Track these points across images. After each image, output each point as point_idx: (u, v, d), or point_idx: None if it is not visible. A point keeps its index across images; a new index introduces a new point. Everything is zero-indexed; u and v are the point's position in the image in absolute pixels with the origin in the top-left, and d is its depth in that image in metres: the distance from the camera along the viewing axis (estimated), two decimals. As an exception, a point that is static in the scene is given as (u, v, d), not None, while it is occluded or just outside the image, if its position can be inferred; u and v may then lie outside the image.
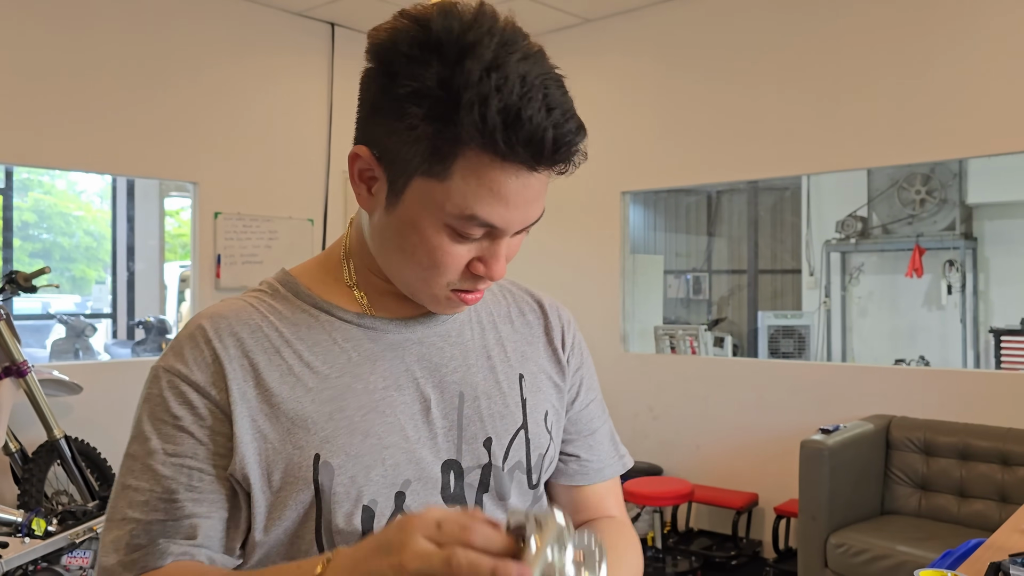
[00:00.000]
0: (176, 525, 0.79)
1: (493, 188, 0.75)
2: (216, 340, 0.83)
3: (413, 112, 0.74)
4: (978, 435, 3.67)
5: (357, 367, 0.85)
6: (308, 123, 5.32)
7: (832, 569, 3.44)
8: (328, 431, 0.81)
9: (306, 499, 0.80)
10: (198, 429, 0.81)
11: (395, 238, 0.81)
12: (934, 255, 6.70)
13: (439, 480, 0.85)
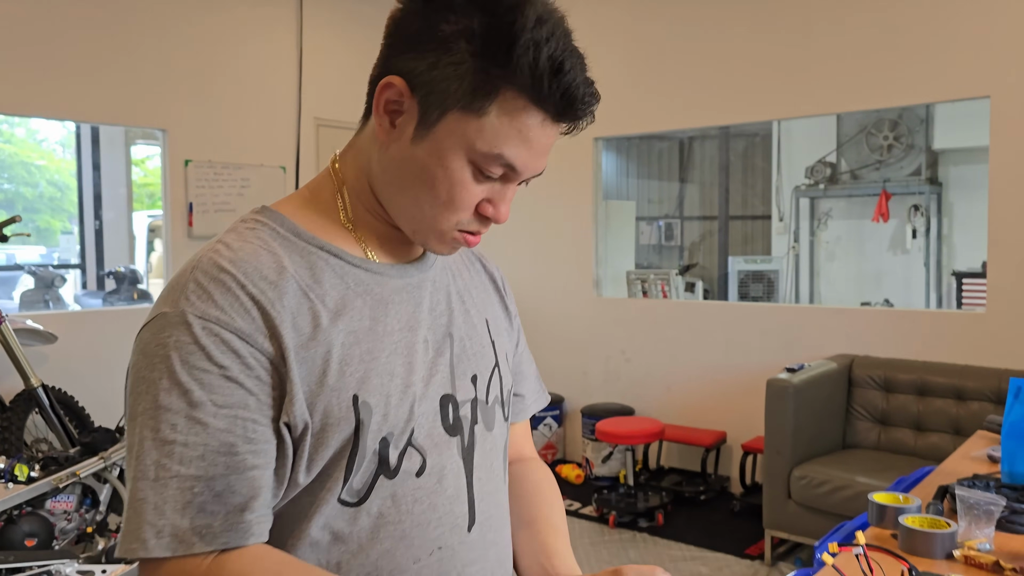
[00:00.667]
0: (239, 479, 0.76)
1: (522, 130, 0.80)
2: (251, 285, 0.79)
3: (462, 47, 0.78)
4: (935, 372, 3.82)
5: (374, 311, 0.86)
6: (278, 69, 5.26)
7: (795, 500, 3.59)
8: (362, 373, 0.83)
9: (346, 436, 0.81)
10: (247, 379, 0.78)
11: (416, 171, 0.83)
12: (900, 200, 6.81)
13: (439, 414, 0.89)
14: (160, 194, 5.00)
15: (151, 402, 0.76)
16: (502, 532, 0.97)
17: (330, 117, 5.55)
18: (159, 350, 0.78)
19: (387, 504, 0.84)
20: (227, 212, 4.99)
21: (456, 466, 0.89)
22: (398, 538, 0.84)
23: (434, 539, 0.87)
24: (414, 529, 0.85)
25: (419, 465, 0.86)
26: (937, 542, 1.52)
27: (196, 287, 0.79)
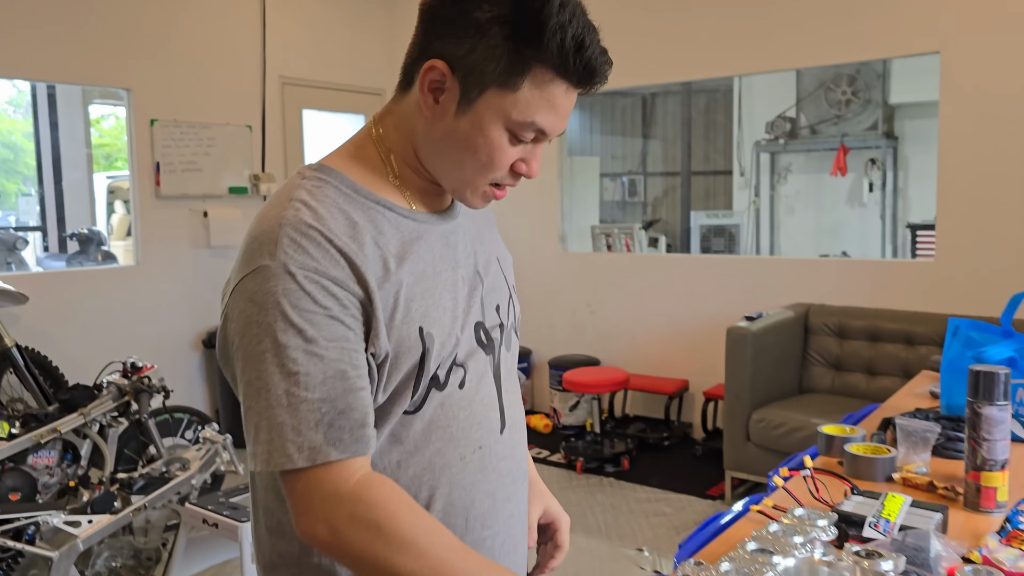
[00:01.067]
0: (355, 398, 0.90)
1: (551, 100, 0.94)
2: (336, 239, 0.92)
3: (496, 32, 0.91)
4: (886, 318, 4.00)
5: (426, 254, 1.00)
6: (242, 27, 5.23)
7: (754, 442, 3.77)
8: (424, 308, 0.97)
9: (414, 362, 0.96)
10: (346, 317, 0.91)
11: (460, 140, 0.96)
12: (857, 154, 6.95)
13: (474, 336, 1.05)
14: (118, 154, 4.97)
15: (271, 342, 0.88)
16: (523, 434, 1.15)
17: (295, 75, 5.54)
18: (268, 297, 0.89)
19: (438, 412, 0.99)
20: (194, 171, 4.99)
21: (489, 380, 1.06)
22: (447, 440, 1.00)
23: (475, 440, 1.03)
24: (459, 432, 1.01)
25: (461, 378, 1.02)
26: (878, 466, 1.66)
27: (290, 242, 0.90)
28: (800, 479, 1.61)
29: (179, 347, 4.97)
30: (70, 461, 3.28)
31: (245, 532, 2.49)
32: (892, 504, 1.38)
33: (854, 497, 1.46)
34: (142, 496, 2.88)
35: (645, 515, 3.79)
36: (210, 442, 3.18)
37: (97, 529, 2.74)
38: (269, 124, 5.39)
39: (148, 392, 3.38)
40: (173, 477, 3.02)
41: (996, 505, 1.47)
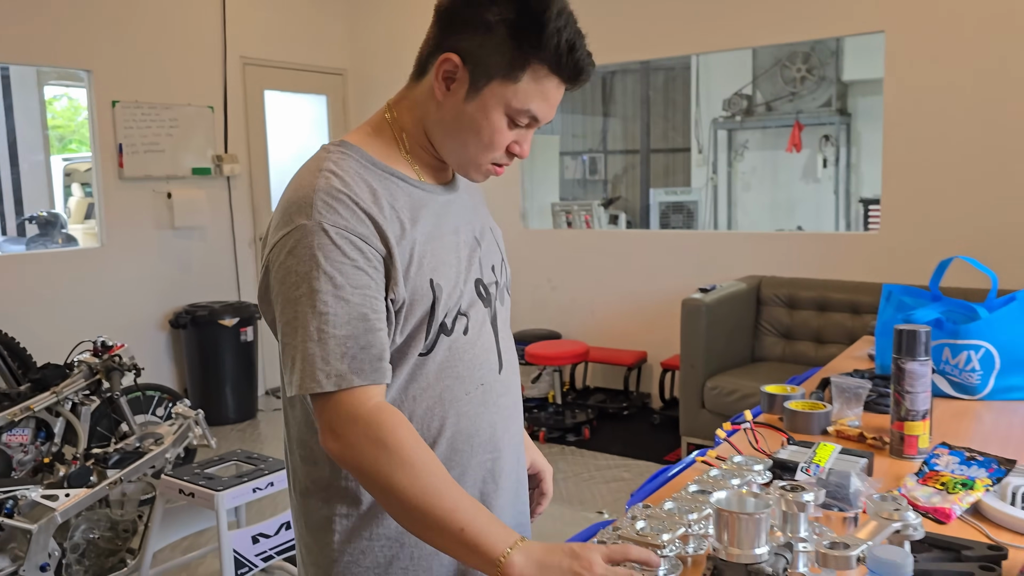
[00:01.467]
0: (374, 337, 1.06)
1: (545, 92, 1.12)
2: (361, 202, 1.09)
3: (502, 32, 1.08)
4: (834, 289, 4.18)
5: (433, 218, 1.18)
6: (202, 7, 5.23)
7: (708, 409, 3.94)
8: (434, 263, 1.15)
9: (426, 308, 1.13)
10: (369, 268, 1.07)
11: (467, 122, 1.13)
12: (812, 131, 7.10)
13: (475, 292, 1.22)
14: (72, 136, 4.96)
15: (308, 288, 1.05)
16: (517, 375, 1.32)
17: (256, 56, 5.55)
18: (305, 251, 1.06)
19: (446, 355, 1.17)
20: (157, 152, 5.01)
21: (488, 328, 1.24)
22: (454, 378, 1.18)
23: (478, 377, 1.21)
24: (465, 371, 1.19)
25: (465, 326, 1.19)
26: (814, 420, 1.80)
27: (324, 204, 1.07)
28: (743, 433, 1.76)
29: (146, 327, 5.01)
30: (44, 439, 3.34)
31: (221, 500, 2.58)
32: (823, 452, 1.52)
33: (789, 446, 1.60)
34: (117, 470, 2.96)
35: (605, 481, 3.95)
36: (183, 417, 3.25)
37: (74, 502, 2.81)
38: (231, 105, 5.41)
39: (119, 370, 3.44)
40: (147, 452, 3.10)
41: (918, 452, 1.62)
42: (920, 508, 1.35)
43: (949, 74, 4.05)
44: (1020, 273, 3.82)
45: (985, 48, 3.96)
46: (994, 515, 1.31)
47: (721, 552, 0.98)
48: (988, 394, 1.97)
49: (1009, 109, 3.93)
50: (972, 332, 1.95)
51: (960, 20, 4.00)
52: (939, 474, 1.45)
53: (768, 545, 0.97)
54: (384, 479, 1.02)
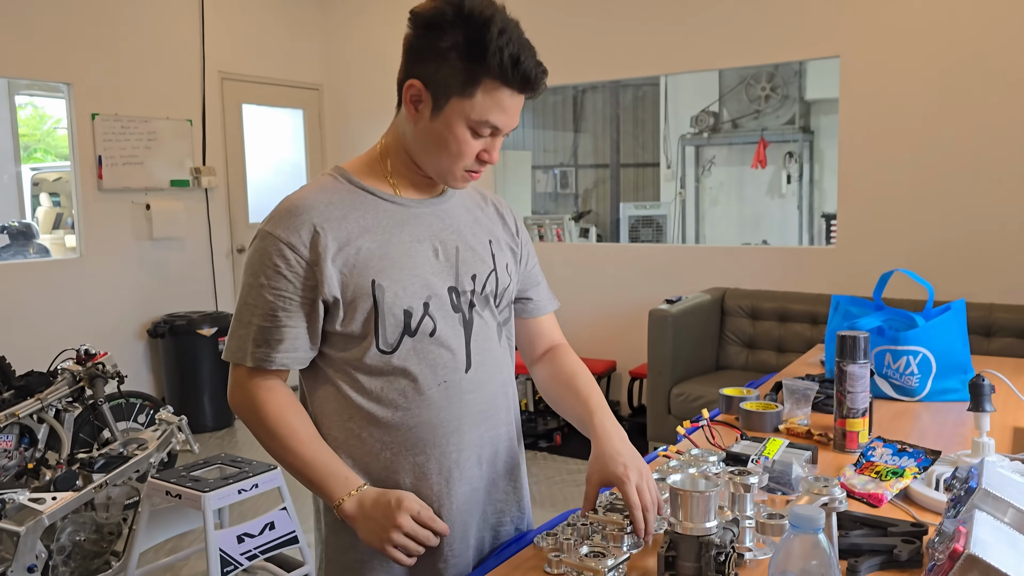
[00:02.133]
0: (276, 331, 1.28)
1: (499, 103, 1.26)
2: (308, 214, 1.28)
3: (453, 56, 1.22)
4: (794, 300, 4.37)
5: (393, 228, 1.33)
6: (181, 22, 5.33)
7: (674, 415, 4.10)
8: (379, 267, 1.29)
9: (368, 306, 1.28)
10: (288, 272, 1.27)
11: (435, 137, 1.28)
12: (777, 148, 7.30)
13: (447, 298, 1.34)
14: (36, 145, 5.01)
15: (246, 280, 1.30)
16: (494, 376, 1.41)
17: (234, 71, 5.66)
18: (254, 251, 1.30)
19: (409, 353, 1.31)
20: (135, 165, 5.09)
21: (458, 332, 1.35)
22: (416, 374, 1.31)
23: (440, 376, 1.32)
24: (426, 369, 1.31)
25: (431, 328, 1.31)
26: (767, 419, 1.96)
27: (278, 216, 1.29)
28: (702, 431, 1.91)
29: (124, 336, 5.07)
30: (27, 445, 3.41)
31: (208, 501, 2.68)
32: (772, 446, 1.67)
33: (743, 441, 1.76)
34: (103, 474, 3.04)
35: (576, 484, 4.09)
36: (166, 423, 3.34)
37: (61, 505, 2.89)
38: (209, 118, 5.50)
39: (103, 378, 3.52)
40: (132, 456, 3.18)
41: (858, 446, 1.78)
42: (856, 494, 1.51)
43: (900, 99, 4.27)
44: (955, 286, 4.04)
45: (934, 76, 4.19)
46: (920, 499, 1.47)
47: (677, 527, 1.12)
48: (926, 396, 2.15)
49: (954, 133, 4.16)
50: (911, 339, 2.12)
51: (911, 48, 4.23)
52: (874, 464, 1.61)
53: (717, 520, 1.12)
54: (258, 438, 1.32)
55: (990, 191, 4.11)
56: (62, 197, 8.78)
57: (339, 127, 6.31)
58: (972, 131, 4.13)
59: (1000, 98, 4.05)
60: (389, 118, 1.41)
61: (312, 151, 6.31)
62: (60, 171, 8.98)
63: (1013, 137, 4.04)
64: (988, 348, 3.79)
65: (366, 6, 6.07)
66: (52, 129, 9.88)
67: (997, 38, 4.03)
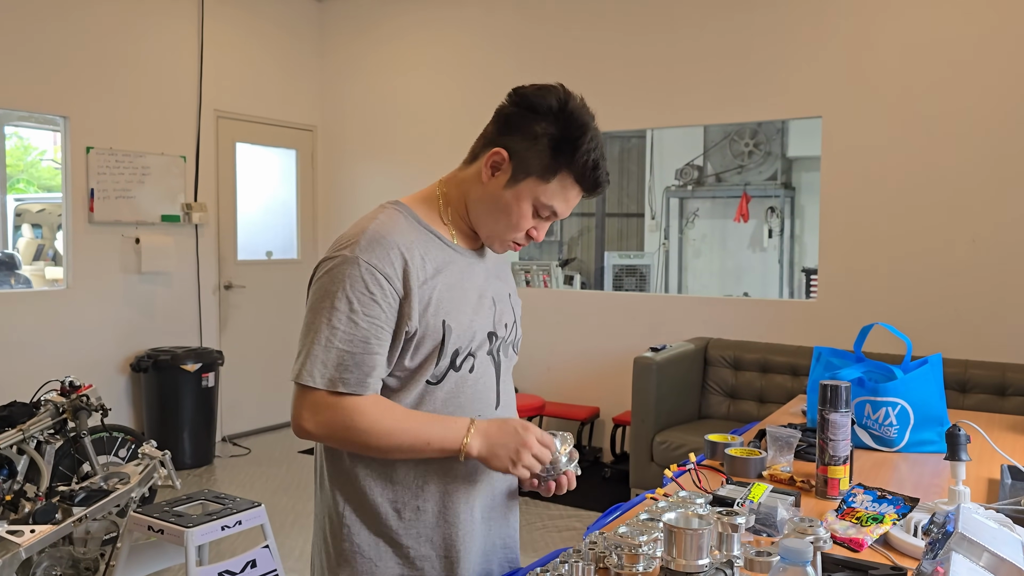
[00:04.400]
0: (368, 358, 1.32)
1: (566, 195, 1.41)
2: (397, 248, 1.35)
3: (545, 144, 1.36)
4: (776, 352, 4.44)
5: (457, 273, 1.43)
6: (179, 61, 5.41)
7: (656, 462, 4.13)
8: (448, 308, 1.39)
9: (437, 340, 1.37)
10: (383, 302, 1.33)
11: (501, 205, 1.41)
12: (759, 202, 7.45)
13: (487, 342, 1.46)
14: (19, 176, 5.01)
15: (330, 303, 1.32)
16: (512, 413, 1.57)
17: (229, 109, 5.74)
18: (339, 275, 1.33)
19: (452, 387, 1.42)
20: (127, 199, 5.12)
21: (491, 371, 1.48)
22: (456, 407, 1.41)
23: (476, 409, 1.44)
24: (466, 402, 1.43)
25: (472, 366, 1.43)
26: (751, 465, 2.00)
27: (366, 244, 1.34)
28: (688, 474, 1.95)
29: (107, 369, 5.05)
30: (6, 476, 3.38)
31: (191, 537, 2.68)
32: (757, 490, 1.71)
33: (728, 485, 1.80)
34: (83, 507, 3.02)
35: (557, 529, 4.09)
36: (148, 457, 3.33)
37: (39, 538, 2.87)
38: (203, 155, 5.56)
39: (87, 410, 3.51)
40: (113, 490, 3.17)
41: (839, 493, 1.83)
42: (838, 539, 1.55)
43: (879, 158, 4.41)
44: (932, 342, 4.13)
45: (912, 137, 4.33)
46: (899, 544, 1.52)
47: (670, 563, 1.16)
48: (904, 446, 2.20)
49: (931, 192, 4.29)
50: (890, 390, 2.18)
51: (890, 110, 4.37)
52: (855, 510, 1.65)
53: (709, 559, 1.16)
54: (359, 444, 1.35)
55: (965, 250, 4.23)
56: (44, 229, 8.77)
57: (332, 168, 6.39)
58: (948, 192, 4.26)
59: (974, 160, 4.19)
60: (383, 160, 1.53)
61: (303, 191, 6.38)
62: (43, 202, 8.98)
63: (987, 198, 4.17)
64: (963, 403, 3.87)
65: (363, 50, 6.20)
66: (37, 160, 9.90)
67: (972, 104, 4.19)
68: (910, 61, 4.33)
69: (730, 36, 4.81)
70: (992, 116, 4.15)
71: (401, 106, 5.99)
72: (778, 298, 7.32)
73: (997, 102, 4.14)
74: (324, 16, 6.34)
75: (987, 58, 4.15)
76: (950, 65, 4.24)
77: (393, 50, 6.09)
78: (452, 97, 5.82)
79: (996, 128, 4.14)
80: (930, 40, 4.28)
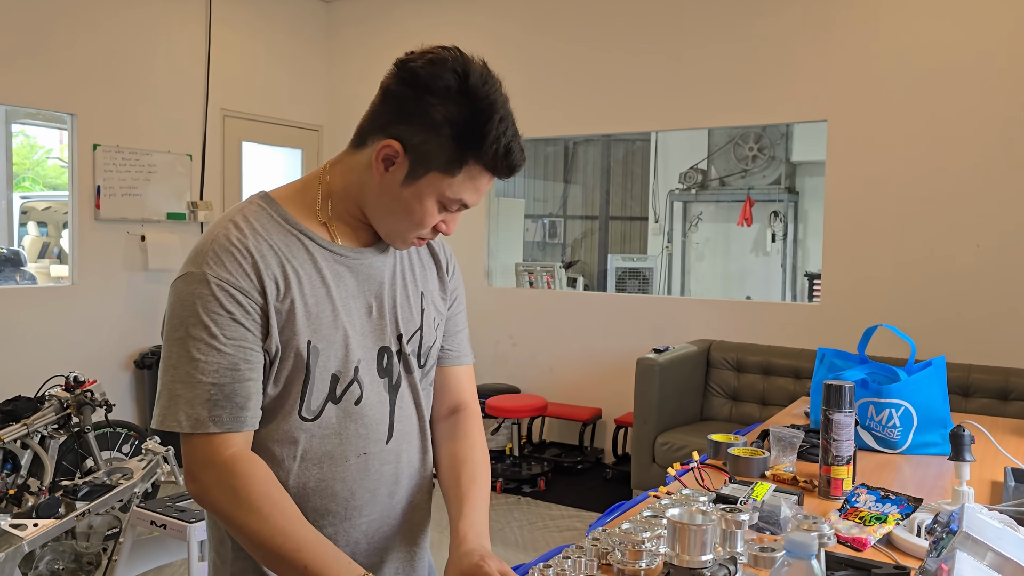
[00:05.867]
0: (240, 387, 1.13)
1: (477, 185, 1.20)
2: (251, 256, 1.14)
3: (446, 132, 1.14)
4: (778, 355, 4.44)
5: (329, 281, 1.21)
6: (187, 60, 5.43)
7: (658, 464, 4.13)
8: (315, 325, 1.18)
9: (298, 367, 1.17)
10: (246, 320, 1.13)
11: (400, 204, 1.20)
12: (762, 206, 7.43)
13: (375, 359, 1.26)
14: (25, 174, 5.02)
15: (184, 332, 1.12)
16: (412, 443, 1.33)
17: (236, 108, 5.75)
18: (189, 298, 1.13)
19: (332, 421, 1.21)
20: (134, 196, 5.13)
21: (383, 398, 1.27)
22: (337, 444, 1.22)
23: (362, 447, 1.24)
24: (348, 439, 1.23)
25: (358, 396, 1.23)
26: (754, 465, 2.01)
27: (214, 256, 1.14)
28: (692, 473, 1.96)
29: (111, 366, 5.06)
30: (10, 470, 3.39)
31: (193, 532, 2.68)
32: (760, 489, 1.72)
33: (731, 484, 1.80)
34: (87, 502, 3.03)
35: (559, 530, 4.10)
36: (152, 453, 3.34)
37: (42, 532, 2.87)
38: (209, 154, 5.57)
39: (91, 405, 3.53)
40: (116, 485, 3.18)
41: (842, 493, 1.83)
42: (841, 538, 1.55)
43: (883, 163, 4.41)
44: (937, 344, 4.14)
45: (916, 142, 4.33)
46: (902, 544, 1.52)
47: (674, 559, 1.17)
48: (907, 448, 2.21)
49: (935, 197, 4.29)
50: (893, 392, 2.19)
51: (895, 115, 4.38)
52: (858, 510, 1.66)
53: (712, 555, 1.16)
54: (236, 522, 1.12)
55: (969, 256, 4.23)
56: (49, 227, 8.79)
57: (335, 168, 6.39)
58: (952, 197, 4.26)
59: (980, 166, 4.19)
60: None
61: (307, 190, 6.37)
62: (49, 200, 9.00)
63: (992, 204, 4.17)
64: (966, 408, 3.87)
65: (370, 52, 6.21)
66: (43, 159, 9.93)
67: (977, 108, 4.19)
68: (916, 66, 4.34)
69: (736, 40, 4.82)
70: (998, 122, 4.15)
71: (406, 106, 5.99)
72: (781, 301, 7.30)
73: (1003, 108, 4.14)
74: (331, 17, 6.36)
75: (993, 64, 4.16)
76: (956, 71, 4.24)
77: (399, 52, 6.08)
78: (457, 98, 5.81)
79: (1002, 134, 4.15)
80: (936, 45, 4.29)
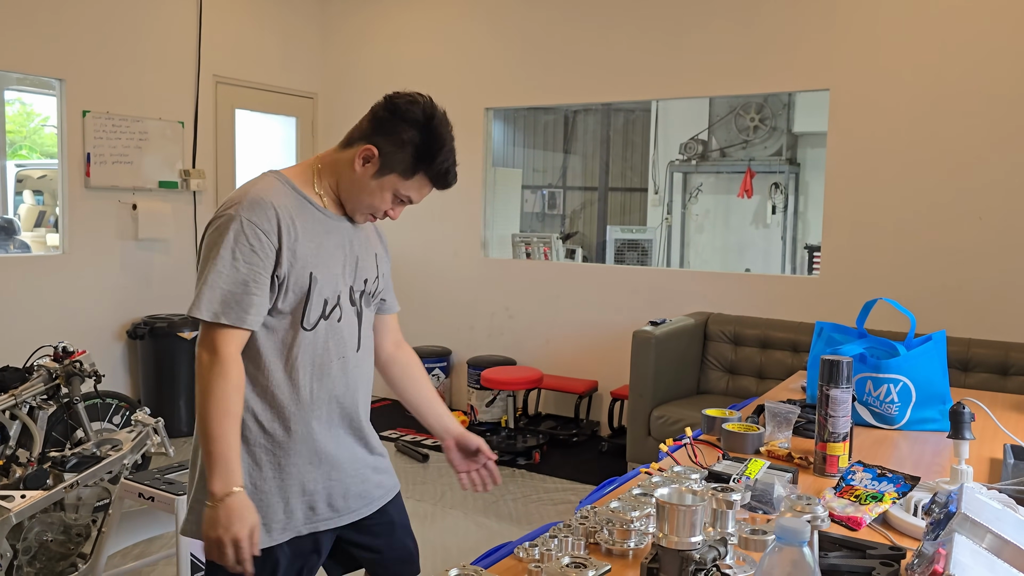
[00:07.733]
0: (247, 297, 1.57)
1: (420, 190, 1.71)
2: (274, 208, 1.61)
3: (409, 150, 1.65)
4: (776, 328, 4.40)
5: (323, 235, 1.70)
6: (178, 25, 5.32)
7: (654, 437, 4.10)
8: (315, 262, 1.66)
9: (304, 288, 1.64)
10: (261, 251, 1.58)
11: (367, 190, 1.69)
12: (763, 178, 7.37)
13: (349, 293, 1.74)
14: (22, 142, 4.95)
15: (216, 251, 1.56)
16: (370, 356, 1.84)
17: (228, 75, 5.65)
18: (224, 230, 1.58)
19: (323, 332, 1.69)
20: (125, 164, 5.06)
21: (354, 321, 1.76)
22: (325, 349, 1.69)
23: (341, 351, 1.73)
24: (333, 346, 1.70)
25: (339, 316, 1.71)
26: (749, 440, 1.97)
27: (248, 205, 1.60)
28: (684, 449, 1.91)
29: (103, 336, 5.02)
30: (-2, 441, 3.35)
31: (181, 505, 2.65)
32: (754, 466, 1.68)
33: (724, 461, 1.76)
34: (75, 473, 3.00)
35: (553, 503, 4.08)
36: (142, 424, 3.30)
37: (30, 503, 2.84)
38: (201, 121, 5.49)
39: (80, 376, 3.48)
40: (105, 457, 3.14)
41: (838, 471, 1.79)
42: (836, 517, 1.51)
43: (887, 132, 4.33)
44: (937, 318, 4.09)
45: (920, 112, 4.25)
46: (898, 524, 1.48)
47: (662, 540, 1.12)
48: (905, 424, 2.17)
49: (938, 169, 4.22)
50: (892, 367, 2.14)
51: (899, 85, 4.29)
52: (854, 488, 1.62)
53: (702, 536, 1.12)
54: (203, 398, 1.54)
55: (971, 228, 4.17)
56: (45, 195, 8.72)
57: (332, 137, 6.31)
58: (955, 169, 4.19)
59: (983, 137, 4.12)
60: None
61: (303, 159, 6.30)
62: (45, 168, 8.92)
63: (994, 176, 4.10)
64: (965, 382, 3.83)
65: (366, 19, 6.10)
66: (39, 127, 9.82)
67: (982, 78, 4.11)
68: (920, 34, 4.24)
69: (738, 7, 4.71)
70: (1003, 93, 4.07)
71: (403, 76, 5.90)
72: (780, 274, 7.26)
73: (1008, 79, 4.06)
74: (325, -19, 6.23)
75: (999, 33, 4.07)
76: (961, 39, 4.15)
77: (396, 19, 5.99)
78: (455, 68, 5.73)
79: (1006, 105, 4.07)
80: (941, 13, 4.19)
